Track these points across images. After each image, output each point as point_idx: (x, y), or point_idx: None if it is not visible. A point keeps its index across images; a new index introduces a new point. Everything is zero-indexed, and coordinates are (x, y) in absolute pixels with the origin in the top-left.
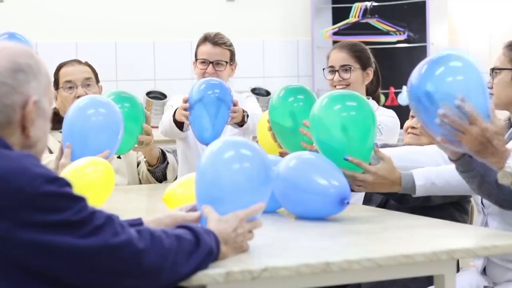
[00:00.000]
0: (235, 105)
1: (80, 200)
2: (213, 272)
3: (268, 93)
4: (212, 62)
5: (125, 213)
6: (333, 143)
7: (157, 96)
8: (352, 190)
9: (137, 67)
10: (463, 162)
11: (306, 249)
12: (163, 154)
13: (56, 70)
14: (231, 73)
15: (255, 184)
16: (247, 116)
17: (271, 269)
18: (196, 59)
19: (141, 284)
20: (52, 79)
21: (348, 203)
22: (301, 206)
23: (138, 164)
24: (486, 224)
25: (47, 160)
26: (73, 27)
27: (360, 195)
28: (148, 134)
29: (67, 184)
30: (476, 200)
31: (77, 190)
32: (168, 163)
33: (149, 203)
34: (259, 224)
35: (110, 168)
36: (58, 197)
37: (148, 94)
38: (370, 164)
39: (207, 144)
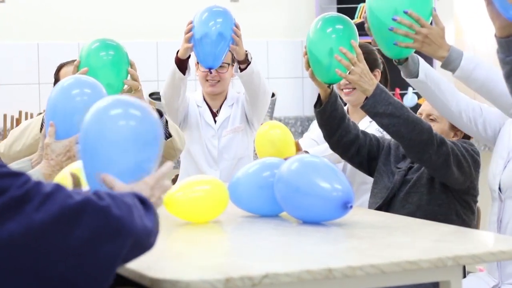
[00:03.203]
0: (236, 26)
1: (21, 175)
2: (212, 278)
3: (272, 94)
4: None
5: None
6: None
7: (160, 97)
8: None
9: (139, 68)
10: (506, 42)
11: (308, 254)
12: (159, 112)
13: (56, 70)
14: (234, 74)
15: (141, 142)
16: (251, 57)
17: (272, 275)
18: (198, 62)
19: (118, 246)
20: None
21: (351, 207)
22: (303, 210)
23: None
24: (503, 212)
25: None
26: (75, 28)
27: (363, 200)
28: (135, 79)
29: (1, 165)
30: (492, 187)
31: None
32: (167, 121)
33: None
34: (168, 186)
35: None
36: None
37: (151, 95)
38: None
39: (209, 69)
